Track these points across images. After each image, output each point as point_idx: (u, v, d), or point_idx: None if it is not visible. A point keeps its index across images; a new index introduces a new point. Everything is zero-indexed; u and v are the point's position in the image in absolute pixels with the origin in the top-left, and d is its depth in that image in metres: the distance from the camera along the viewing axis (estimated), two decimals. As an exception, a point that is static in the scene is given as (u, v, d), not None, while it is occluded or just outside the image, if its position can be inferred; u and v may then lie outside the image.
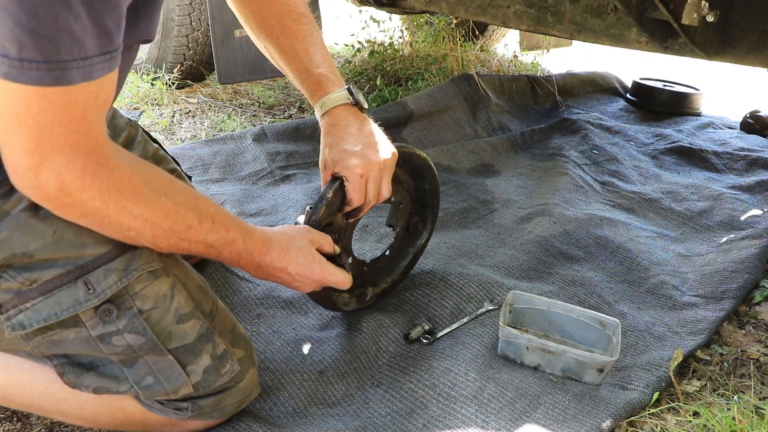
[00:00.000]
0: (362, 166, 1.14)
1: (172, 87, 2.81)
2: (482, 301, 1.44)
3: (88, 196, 0.82)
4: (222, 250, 1.01)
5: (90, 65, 0.75)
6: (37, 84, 0.71)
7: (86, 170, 0.81)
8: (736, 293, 1.58)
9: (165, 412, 1.02)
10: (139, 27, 0.91)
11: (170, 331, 0.97)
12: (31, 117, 0.75)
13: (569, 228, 1.83)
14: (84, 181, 0.81)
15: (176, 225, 0.92)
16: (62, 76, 0.73)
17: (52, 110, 0.75)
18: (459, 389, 1.18)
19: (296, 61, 1.21)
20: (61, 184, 0.80)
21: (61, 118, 0.77)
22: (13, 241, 0.87)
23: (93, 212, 0.85)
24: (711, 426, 1.14)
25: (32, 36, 0.68)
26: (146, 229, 0.90)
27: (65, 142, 0.78)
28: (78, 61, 0.74)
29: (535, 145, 2.54)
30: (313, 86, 1.21)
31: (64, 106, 0.76)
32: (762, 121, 2.83)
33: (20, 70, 0.70)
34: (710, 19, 1.59)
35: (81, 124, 0.79)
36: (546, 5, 2.00)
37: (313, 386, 1.22)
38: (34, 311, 0.89)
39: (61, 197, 0.82)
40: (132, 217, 0.87)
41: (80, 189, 0.82)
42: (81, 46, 0.73)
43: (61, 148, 0.78)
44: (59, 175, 0.80)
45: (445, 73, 3.01)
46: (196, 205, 0.95)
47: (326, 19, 2.66)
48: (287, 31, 1.21)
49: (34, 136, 0.77)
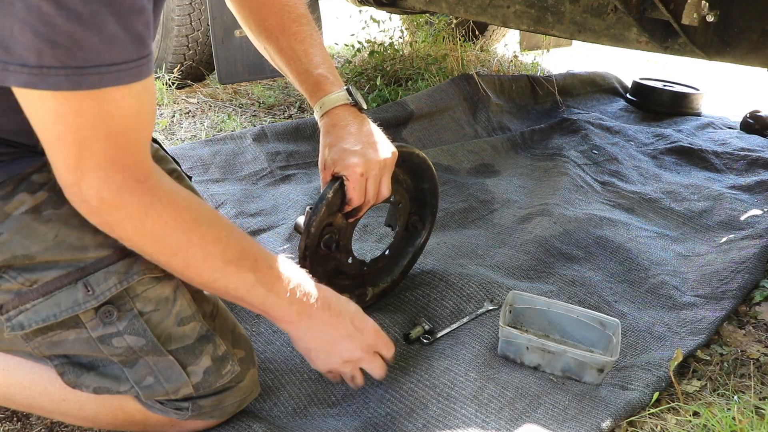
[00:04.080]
0: (362, 165, 1.14)
1: (172, 87, 2.81)
2: (482, 301, 1.44)
3: (126, 213, 0.83)
4: (269, 291, 0.96)
5: (117, 71, 0.74)
6: (54, 88, 0.71)
7: (125, 187, 0.81)
8: (736, 293, 1.58)
9: (165, 412, 1.02)
10: None
11: (170, 333, 0.97)
12: (71, 134, 0.76)
13: (569, 228, 1.83)
14: (122, 198, 0.81)
15: (213, 257, 0.90)
16: (80, 81, 0.72)
17: (90, 125, 0.76)
18: (459, 389, 1.18)
19: (295, 61, 1.21)
20: (100, 200, 0.81)
21: (99, 134, 0.77)
22: (14, 243, 0.87)
23: (132, 231, 0.85)
24: (711, 426, 1.14)
25: (51, 45, 0.68)
26: (179, 255, 0.89)
27: (105, 158, 0.78)
28: (101, 67, 0.73)
29: (535, 145, 2.54)
30: (313, 87, 1.21)
31: (101, 121, 0.76)
32: (762, 121, 2.84)
33: (40, 77, 0.69)
34: (710, 19, 1.59)
35: (120, 139, 0.79)
36: (546, 5, 2.00)
37: (313, 386, 1.22)
38: (34, 312, 0.89)
39: (104, 213, 0.83)
40: (167, 240, 0.87)
41: (118, 206, 0.82)
42: (105, 53, 0.72)
43: (101, 164, 0.78)
44: (99, 192, 0.80)
45: (445, 73, 3.01)
46: (239, 242, 0.94)
47: (326, 19, 2.66)
48: (286, 32, 1.21)
49: (74, 153, 0.77)
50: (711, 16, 1.59)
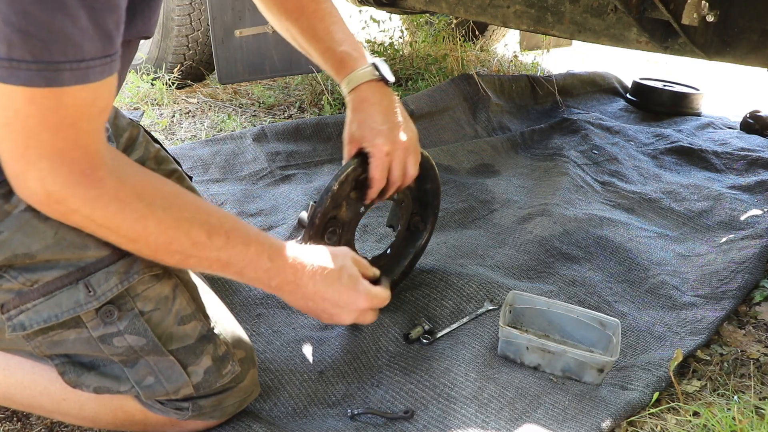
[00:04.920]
0: (389, 144, 1.14)
1: (172, 87, 2.81)
2: (482, 301, 1.44)
3: (74, 205, 0.81)
4: (244, 270, 0.94)
5: (87, 68, 0.73)
6: (26, 85, 0.69)
7: (69, 180, 0.79)
8: (736, 293, 1.58)
9: (165, 411, 1.02)
10: (136, 24, 0.90)
11: (171, 333, 0.97)
12: (20, 121, 0.73)
13: (569, 228, 1.83)
14: (67, 191, 0.79)
15: (177, 241, 0.88)
16: (53, 77, 0.70)
17: (41, 115, 0.73)
18: (459, 389, 1.18)
19: (318, 41, 1.20)
20: (46, 192, 0.79)
21: (49, 123, 0.74)
22: (15, 242, 0.87)
23: (85, 223, 0.84)
24: (711, 426, 1.14)
25: (22, 36, 0.66)
26: (140, 245, 0.87)
27: (51, 148, 0.76)
28: (72, 63, 0.72)
29: (535, 145, 2.54)
30: (338, 64, 1.20)
31: (53, 111, 0.74)
32: (762, 121, 2.84)
33: (9, 70, 0.68)
34: (710, 19, 1.59)
35: (69, 131, 0.77)
36: (546, 5, 2.00)
37: (313, 386, 1.22)
38: (35, 312, 0.89)
39: (52, 204, 0.81)
40: (120, 232, 0.85)
41: (65, 198, 0.80)
42: (78, 48, 0.71)
43: (47, 155, 0.76)
44: (43, 183, 0.78)
45: (445, 73, 3.02)
46: (207, 220, 0.91)
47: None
48: (306, 11, 1.20)
49: (21, 141, 0.75)
50: (711, 16, 1.59)
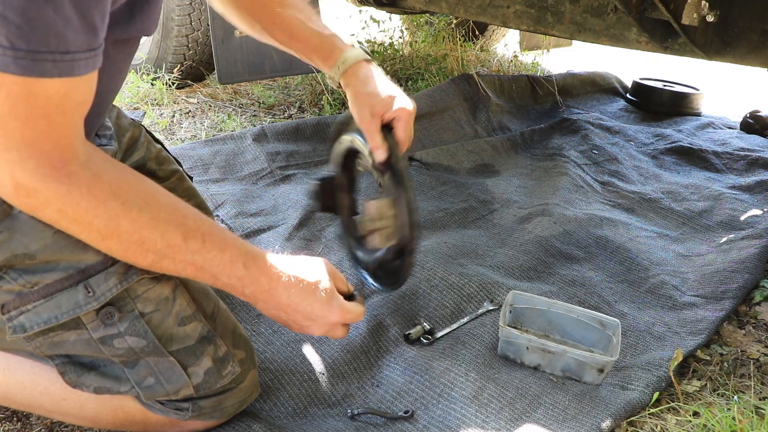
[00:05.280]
0: (412, 104, 1.19)
1: (172, 87, 2.81)
2: (482, 301, 1.44)
3: (44, 198, 0.78)
4: (218, 275, 0.92)
5: (72, 61, 0.71)
6: (2, 70, 0.66)
7: (37, 172, 0.75)
8: (736, 293, 1.58)
9: (165, 412, 1.02)
10: (135, 22, 0.90)
11: (171, 334, 0.97)
12: None
13: (569, 228, 1.83)
14: (36, 184, 0.76)
15: (151, 242, 0.85)
16: (31, 66, 0.68)
17: (9, 102, 0.70)
18: (459, 389, 1.18)
19: (302, 28, 1.21)
20: (15, 183, 0.75)
21: (19, 111, 0.71)
22: (14, 242, 0.86)
23: (56, 218, 0.80)
24: (711, 426, 1.14)
25: (1, 21, 0.63)
26: (112, 243, 0.84)
27: (20, 138, 0.73)
28: (56, 54, 0.70)
29: (535, 145, 2.54)
30: (330, 46, 1.20)
31: (23, 99, 0.71)
32: (762, 121, 2.84)
33: None
34: (710, 19, 1.59)
35: (40, 122, 0.73)
36: (546, 5, 2.00)
37: (313, 386, 1.22)
38: (35, 313, 0.89)
39: (21, 197, 0.77)
40: (91, 229, 0.82)
41: (34, 191, 0.76)
42: (61, 39, 0.69)
43: (15, 145, 0.73)
44: (12, 174, 0.75)
45: (445, 73, 3.02)
46: (183, 222, 0.88)
47: (326, 19, 2.66)
48: (284, 4, 1.21)
49: None
50: (711, 16, 1.59)
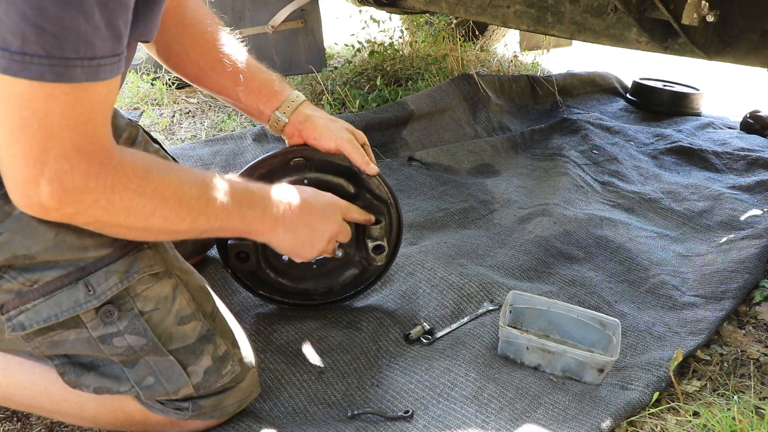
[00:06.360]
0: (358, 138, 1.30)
1: (172, 87, 2.81)
2: (482, 301, 1.44)
3: (92, 198, 0.80)
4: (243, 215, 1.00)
5: (98, 66, 0.74)
6: (36, 79, 0.69)
7: (90, 173, 0.79)
8: (736, 293, 1.58)
9: (165, 412, 1.02)
10: (137, 27, 0.91)
11: (171, 333, 0.97)
12: (38, 120, 0.72)
13: (569, 228, 1.83)
14: (87, 185, 0.79)
15: (186, 203, 0.90)
16: (64, 72, 0.71)
17: (60, 112, 0.73)
18: (459, 389, 1.18)
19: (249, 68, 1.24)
20: (62, 193, 0.78)
21: (69, 120, 0.74)
22: (15, 243, 0.87)
23: (99, 215, 0.83)
24: (711, 426, 1.14)
25: (37, 31, 0.66)
26: (156, 217, 0.87)
27: (70, 146, 0.76)
28: (84, 60, 0.72)
29: (535, 145, 2.54)
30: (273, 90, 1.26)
31: (71, 108, 0.74)
32: (762, 121, 2.84)
33: (21, 64, 0.68)
34: (710, 19, 1.59)
35: (87, 126, 0.77)
36: (546, 5, 2.00)
37: (313, 386, 1.22)
38: (35, 312, 0.89)
39: (62, 208, 0.80)
40: (140, 207, 0.85)
41: (83, 193, 0.79)
42: (89, 46, 0.72)
43: (66, 154, 0.76)
44: (61, 184, 0.77)
45: (445, 73, 3.01)
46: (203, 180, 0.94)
47: (326, 19, 2.66)
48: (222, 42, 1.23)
49: (38, 142, 0.74)
50: (711, 16, 1.59)
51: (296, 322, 1.38)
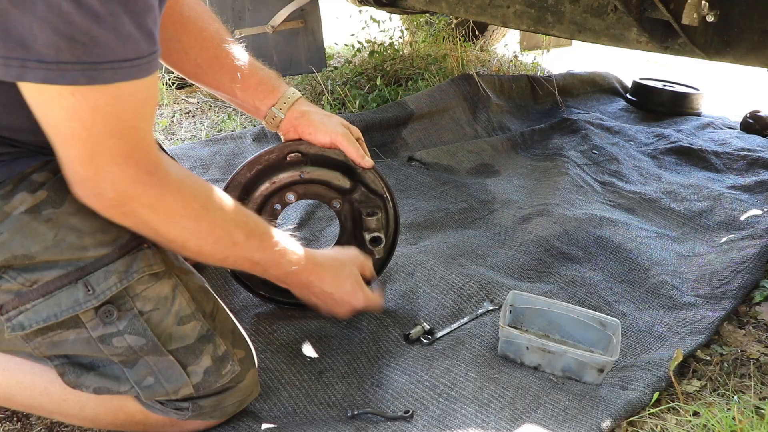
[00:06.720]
0: (353, 132, 1.33)
1: (172, 87, 2.81)
2: (482, 301, 1.44)
3: (139, 204, 0.87)
4: (268, 269, 1.08)
5: (131, 66, 0.77)
6: (71, 83, 0.73)
7: (138, 179, 0.85)
8: (736, 293, 1.58)
9: (165, 412, 1.02)
10: None
11: (170, 333, 0.97)
12: (86, 131, 0.79)
13: (569, 228, 1.83)
14: (135, 190, 0.86)
15: (223, 240, 0.98)
16: (95, 75, 0.74)
17: (104, 121, 0.78)
18: (459, 389, 1.18)
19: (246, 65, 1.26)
20: (116, 193, 0.85)
21: (113, 129, 0.80)
22: (14, 243, 0.87)
23: (145, 221, 0.90)
24: (711, 426, 1.14)
25: (68, 41, 0.70)
26: (192, 242, 0.95)
27: (118, 153, 0.82)
28: (114, 62, 0.75)
29: (535, 145, 2.54)
30: (267, 90, 1.28)
31: (115, 116, 0.79)
32: (762, 121, 2.83)
33: (57, 72, 0.72)
34: (710, 19, 1.59)
35: (132, 134, 0.83)
36: (546, 5, 1.99)
37: (313, 386, 1.22)
38: (34, 312, 0.89)
39: (118, 206, 0.87)
40: (179, 228, 0.93)
41: (132, 198, 0.86)
42: (119, 49, 0.75)
43: (115, 160, 0.82)
44: (114, 185, 0.84)
45: (445, 73, 3.01)
46: (246, 223, 1.02)
47: (326, 19, 2.66)
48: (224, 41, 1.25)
49: (89, 149, 0.81)
50: (711, 16, 1.59)
51: (296, 322, 1.38)
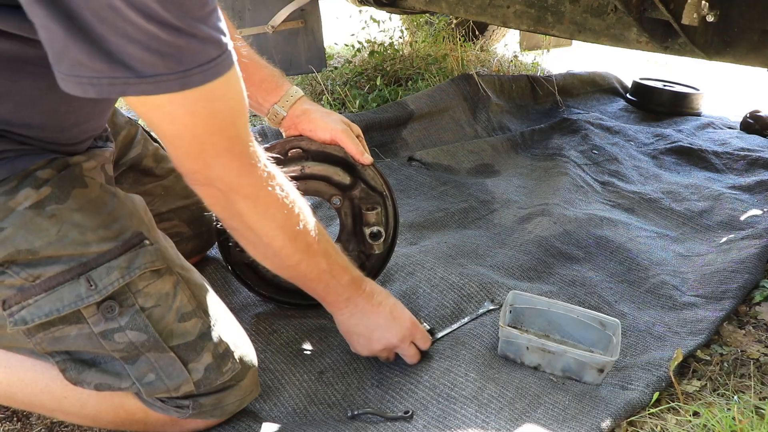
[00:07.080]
0: (354, 129, 1.34)
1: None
2: (482, 301, 1.44)
3: (241, 195, 0.92)
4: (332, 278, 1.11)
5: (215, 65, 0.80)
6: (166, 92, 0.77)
7: (242, 171, 0.90)
8: (736, 293, 1.58)
9: (166, 410, 1.02)
10: None
11: (172, 329, 0.97)
12: (189, 132, 0.84)
13: (569, 228, 1.83)
14: (240, 181, 0.91)
15: (301, 239, 1.01)
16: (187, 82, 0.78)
17: (202, 122, 0.83)
18: (459, 389, 1.18)
19: (253, 62, 1.28)
20: (226, 184, 0.90)
21: (212, 127, 0.84)
22: (18, 238, 0.87)
23: (241, 214, 0.94)
24: (711, 426, 1.14)
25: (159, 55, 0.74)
26: (278, 240, 0.99)
27: (221, 148, 0.87)
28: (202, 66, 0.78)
29: (535, 145, 2.54)
30: (272, 87, 1.30)
31: (212, 115, 0.83)
32: (762, 121, 2.84)
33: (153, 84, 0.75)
34: (710, 19, 1.59)
35: (231, 130, 0.87)
36: (546, 5, 2.00)
37: (313, 386, 1.22)
38: (37, 307, 0.89)
39: (226, 195, 0.91)
40: (271, 221, 0.97)
41: (237, 189, 0.91)
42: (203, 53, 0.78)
43: (219, 153, 0.87)
44: (221, 176, 0.89)
45: (445, 73, 3.01)
46: (316, 229, 1.05)
47: (326, 19, 2.66)
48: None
49: (194, 147, 0.86)
50: (711, 16, 1.59)
51: (296, 322, 1.38)
